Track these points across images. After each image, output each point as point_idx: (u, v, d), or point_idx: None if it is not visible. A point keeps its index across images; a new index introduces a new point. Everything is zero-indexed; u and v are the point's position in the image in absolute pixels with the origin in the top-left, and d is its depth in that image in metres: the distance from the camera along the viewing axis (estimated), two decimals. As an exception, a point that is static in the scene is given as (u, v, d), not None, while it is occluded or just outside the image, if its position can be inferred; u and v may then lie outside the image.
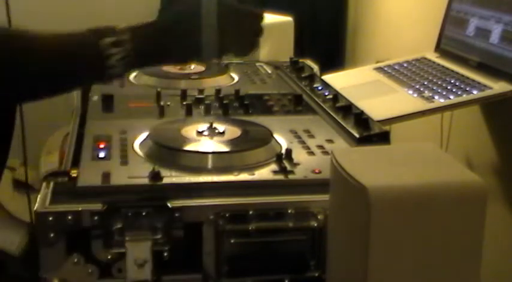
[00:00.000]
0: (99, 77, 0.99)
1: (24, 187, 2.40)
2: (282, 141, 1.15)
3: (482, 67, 1.52)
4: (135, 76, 1.56)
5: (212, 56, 1.05)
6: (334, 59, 2.62)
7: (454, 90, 1.46)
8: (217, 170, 1.04)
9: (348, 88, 1.49)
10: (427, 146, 0.89)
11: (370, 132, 1.17)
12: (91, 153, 1.08)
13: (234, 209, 0.94)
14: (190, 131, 1.16)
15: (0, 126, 1.03)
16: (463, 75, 1.53)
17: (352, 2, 2.69)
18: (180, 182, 0.99)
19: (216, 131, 1.15)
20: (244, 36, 1.06)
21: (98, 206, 0.91)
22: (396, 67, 1.68)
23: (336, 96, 1.35)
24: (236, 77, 1.56)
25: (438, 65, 1.64)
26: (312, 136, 1.20)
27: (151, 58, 1.04)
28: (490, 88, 1.44)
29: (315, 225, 0.95)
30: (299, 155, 1.09)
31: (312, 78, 1.50)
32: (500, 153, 1.63)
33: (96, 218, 0.91)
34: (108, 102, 1.36)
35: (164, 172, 0.99)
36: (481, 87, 1.45)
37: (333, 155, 0.84)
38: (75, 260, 0.92)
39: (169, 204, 0.92)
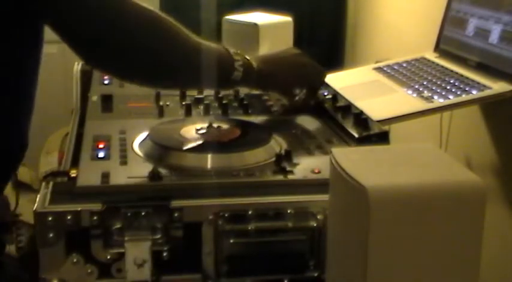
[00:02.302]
0: (226, 77, 1.16)
1: (24, 187, 2.40)
2: (282, 141, 1.15)
3: (481, 67, 1.52)
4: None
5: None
6: (334, 59, 2.62)
7: (453, 90, 1.46)
8: (217, 170, 1.04)
9: (347, 88, 1.49)
10: (426, 146, 0.89)
11: (369, 132, 1.17)
12: (90, 153, 1.08)
13: (234, 209, 0.94)
14: (189, 131, 1.16)
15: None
16: (462, 75, 1.53)
17: (351, 2, 2.69)
18: (179, 182, 0.99)
19: (216, 131, 1.16)
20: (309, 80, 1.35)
21: (97, 206, 0.91)
22: (395, 67, 1.68)
23: (335, 96, 1.35)
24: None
25: (437, 65, 1.64)
26: (311, 136, 1.20)
27: (261, 76, 1.22)
28: (490, 88, 1.43)
29: (315, 225, 0.95)
30: (298, 155, 1.09)
31: (311, 78, 1.50)
32: (500, 153, 1.63)
33: (95, 218, 0.91)
34: (107, 102, 1.36)
35: (163, 172, 0.99)
36: (480, 87, 1.45)
37: (333, 155, 0.84)
38: (75, 260, 0.92)
39: (168, 204, 0.93)
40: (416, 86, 1.52)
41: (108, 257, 0.92)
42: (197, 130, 1.16)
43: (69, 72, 1.59)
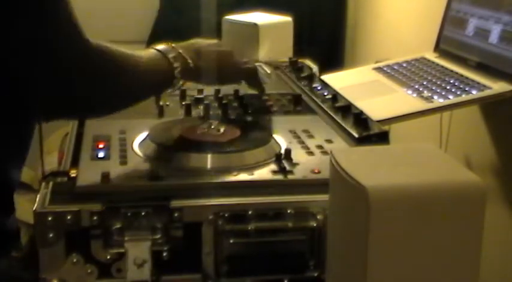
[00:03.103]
0: (168, 84, 1.13)
1: (24, 187, 2.39)
2: (281, 141, 1.15)
3: (481, 67, 1.52)
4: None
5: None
6: (334, 59, 2.62)
7: (453, 90, 1.46)
8: (217, 170, 1.04)
9: (347, 88, 1.49)
10: (426, 146, 0.89)
11: (369, 132, 1.17)
12: (90, 153, 1.08)
13: (233, 209, 0.94)
14: (189, 131, 1.16)
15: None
16: (462, 75, 1.53)
17: (351, 2, 2.69)
18: (179, 182, 0.99)
19: (215, 131, 1.15)
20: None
21: (97, 206, 0.91)
22: (395, 67, 1.68)
23: (335, 96, 1.35)
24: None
25: (437, 65, 1.64)
26: (311, 136, 1.20)
27: (198, 72, 1.19)
28: (489, 88, 1.44)
29: (314, 225, 0.95)
30: (298, 155, 1.09)
31: (311, 78, 1.50)
32: (500, 153, 1.63)
33: (95, 218, 0.91)
34: (107, 102, 1.36)
35: (163, 172, 0.99)
36: (480, 87, 1.45)
37: (332, 155, 0.84)
38: (75, 260, 0.92)
39: (168, 204, 0.92)
40: (416, 86, 1.52)
41: (108, 257, 0.92)
42: (197, 130, 1.16)
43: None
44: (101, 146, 1.11)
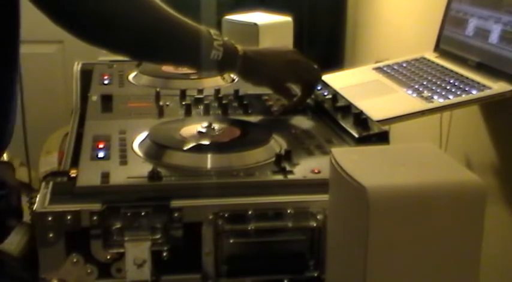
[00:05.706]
0: (205, 55, 1.15)
1: (24, 187, 2.39)
2: (281, 141, 1.15)
3: (481, 67, 1.52)
4: (135, 76, 1.56)
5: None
6: (334, 59, 2.62)
7: (453, 90, 1.46)
8: (217, 170, 1.04)
9: (347, 88, 1.49)
10: (426, 146, 0.89)
11: (369, 132, 1.17)
12: (90, 153, 1.08)
13: (233, 209, 0.94)
14: (189, 131, 1.16)
15: None
16: (462, 75, 1.53)
17: (351, 1, 2.69)
18: (179, 182, 0.99)
19: (215, 131, 1.16)
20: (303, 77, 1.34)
21: (97, 206, 0.91)
22: (395, 67, 1.68)
23: (335, 96, 1.35)
24: (235, 77, 1.56)
25: (437, 65, 1.64)
26: (311, 136, 1.20)
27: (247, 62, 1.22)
28: (489, 88, 1.43)
29: (314, 225, 0.95)
30: (298, 155, 1.09)
31: (311, 78, 1.50)
32: (500, 153, 1.63)
33: (95, 218, 0.91)
34: (107, 102, 1.36)
35: (163, 172, 0.99)
36: (480, 87, 1.45)
37: (332, 155, 0.84)
38: (74, 260, 0.92)
39: (168, 204, 0.93)
40: (416, 86, 1.52)
41: (108, 257, 0.92)
42: (197, 130, 1.16)
43: (69, 72, 1.60)
44: (101, 146, 1.11)
